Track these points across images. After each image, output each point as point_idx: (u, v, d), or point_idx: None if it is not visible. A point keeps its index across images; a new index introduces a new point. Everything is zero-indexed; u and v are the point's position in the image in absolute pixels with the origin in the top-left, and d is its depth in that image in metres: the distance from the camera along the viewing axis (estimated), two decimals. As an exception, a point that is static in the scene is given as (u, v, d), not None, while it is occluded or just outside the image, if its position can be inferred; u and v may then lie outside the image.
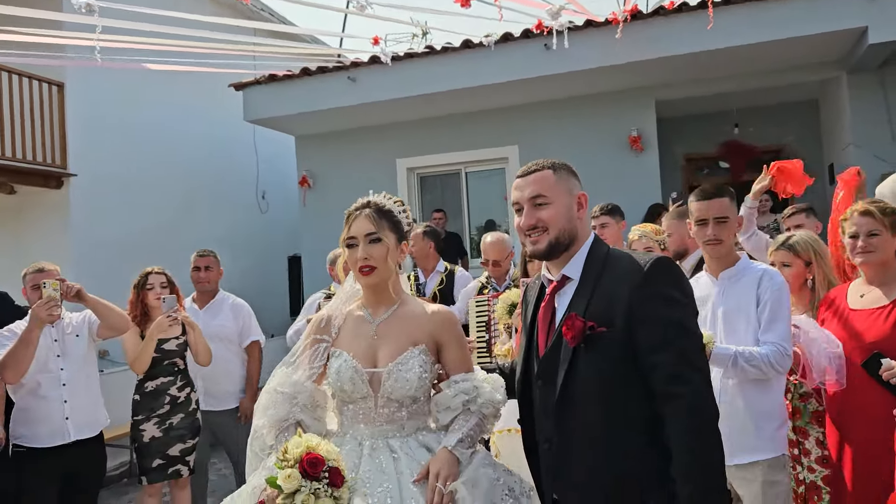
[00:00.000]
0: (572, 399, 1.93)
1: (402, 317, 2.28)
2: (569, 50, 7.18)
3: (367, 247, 2.20)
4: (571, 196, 2.06)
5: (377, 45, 7.63)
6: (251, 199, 11.44)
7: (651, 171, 8.53)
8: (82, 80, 8.49)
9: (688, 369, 1.81)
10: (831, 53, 7.60)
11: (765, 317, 2.70)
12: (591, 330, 1.89)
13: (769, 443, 2.71)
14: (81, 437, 3.89)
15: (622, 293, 1.89)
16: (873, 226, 2.84)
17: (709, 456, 1.76)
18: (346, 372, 2.17)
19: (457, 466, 2.02)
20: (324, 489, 1.85)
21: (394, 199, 2.36)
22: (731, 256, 2.90)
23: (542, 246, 2.02)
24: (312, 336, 2.31)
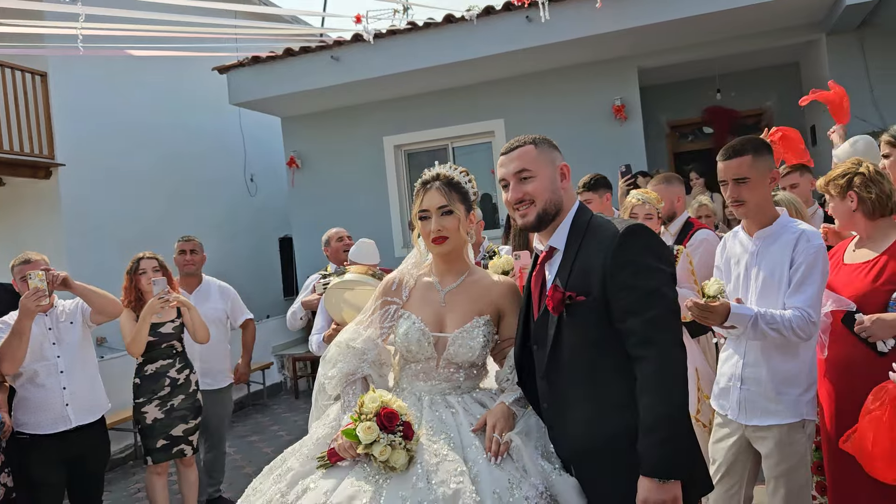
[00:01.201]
0: (561, 362, 2.06)
1: (469, 287, 2.38)
2: (551, 21, 7.22)
3: (440, 219, 2.30)
4: (554, 167, 2.16)
5: (359, 23, 7.62)
6: (240, 183, 11.47)
7: (636, 140, 8.60)
8: (65, 69, 8.48)
9: (657, 333, 1.90)
10: (810, 16, 7.65)
11: (795, 279, 2.62)
12: (570, 300, 2.01)
13: (789, 408, 2.67)
14: (83, 423, 3.98)
15: (598, 262, 2.00)
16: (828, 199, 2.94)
17: (669, 414, 1.85)
18: (414, 334, 2.29)
19: (512, 420, 2.15)
20: (399, 441, 1.99)
21: (459, 169, 2.45)
22: (765, 214, 2.77)
23: (531, 218, 2.13)
24: (383, 298, 2.43)
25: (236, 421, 8.21)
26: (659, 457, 1.83)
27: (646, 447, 1.85)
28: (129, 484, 6.12)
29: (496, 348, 2.37)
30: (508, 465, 2.00)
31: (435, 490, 1.90)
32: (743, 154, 2.71)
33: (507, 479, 1.95)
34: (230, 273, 8.40)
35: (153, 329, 4.34)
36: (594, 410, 2.00)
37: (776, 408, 2.68)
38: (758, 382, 2.72)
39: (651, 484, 1.82)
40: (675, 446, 1.85)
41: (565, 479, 2.01)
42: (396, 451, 1.99)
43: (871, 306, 2.71)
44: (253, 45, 8.69)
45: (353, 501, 1.91)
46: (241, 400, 8.86)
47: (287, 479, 2.11)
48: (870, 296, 2.74)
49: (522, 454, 2.03)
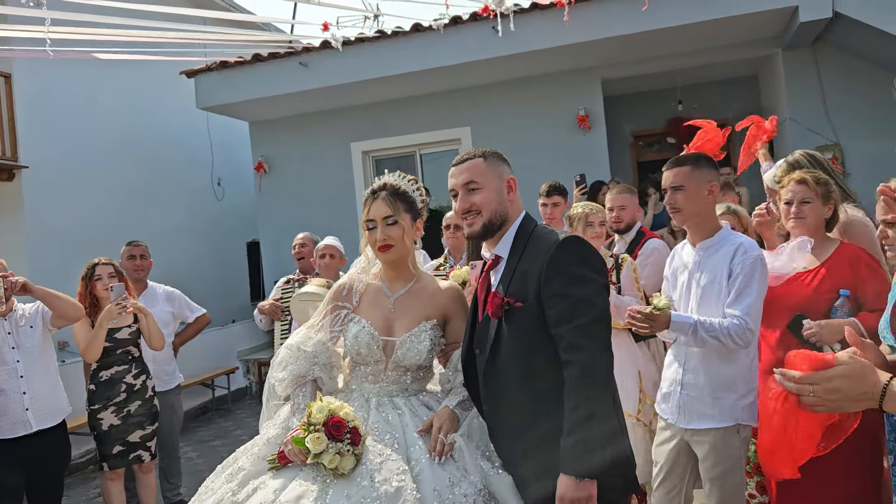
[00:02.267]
0: (499, 365, 2.16)
1: (416, 293, 2.49)
2: (516, 32, 7.37)
3: (386, 228, 2.41)
4: (501, 180, 2.27)
5: (327, 30, 7.69)
6: (206, 186, 11.42)
7: (599, 149, 8.77)
8: (30, 70, 8.41)
9: (585, 340, 1.99)
10: (766, 31, 7.88)
11: (734, 289, 2.72)
12: (509, 306, 2.13)
13: (724, 413, 2.76)
14: (43, 427, 3.98)
15: (535, 270, 2.11)
16: (807, 194, 3.00)
17: (589, 416, 1.93)
18: (363, 338, 2.38)
19: (457, 423, 2.26)
20: (346, 448, 2.09)
21: (408, 177, 2.55)
22: (706, 226, 2.90)
23: (477, 227, 2.25)
24: (334, 302, 2.52)
25: (200, 425, 8.21)
26: (576, 456, 1.90)
27: (566, 447, 1.93)
28: (89, 489, 6.10)
29: (441, 351, 2.46)
30: (450, 464, 2.10)
31: (378, 488, 1.99)
32: (682, 165, 2.89)
33: (447, 477, 2.05)
34: (196, 277, 8.41)
35: (109, 334, 4.34)
36: (528, 412, 2.10)
37: (712, 412, 2.78)
38: (696, 387, 2.83)
39: (569, 481, 1.90)
40: (593, 447, 1.91)
41: (502, 477, 2.11)
42: (345, 458, 2.08)
43: (814, 313, 2.86)
44: (222, 51, 8.69)
45: (300, 501, 1.99)
46: (204, 405, 8.85)
47: (238, 478, 2.19)
48: (813, 303, 2.89)
49: (464, 454, 2.13)
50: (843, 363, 1.52)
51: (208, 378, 8.83)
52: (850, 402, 1.52)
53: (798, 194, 3.02)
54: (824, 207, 3.01)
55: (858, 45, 7.65)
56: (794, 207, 3.02)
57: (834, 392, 1.51)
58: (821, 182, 3.01)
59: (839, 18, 7.09)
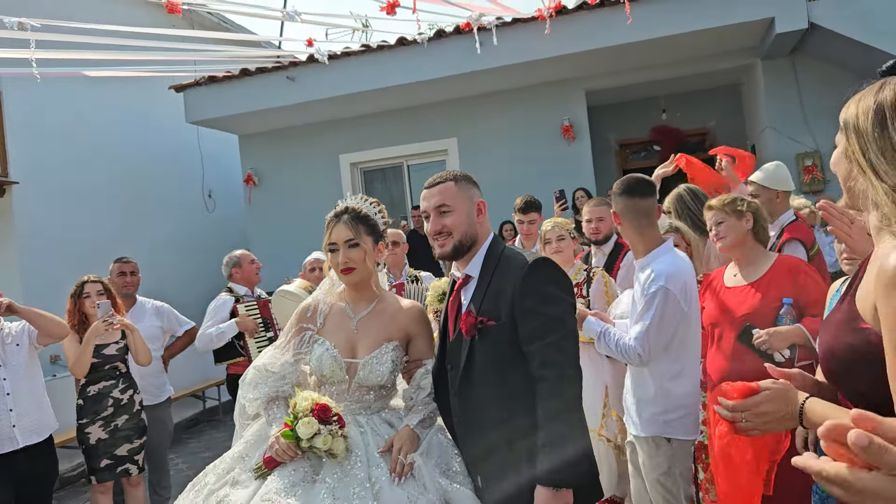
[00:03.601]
0: (471, 381, 2.26)
1: (379, 314, 2.55)
2: (499, 45, 7.51)
3: (347, 251, 2.48)
4: (472, 203, 2.37)
5: (311, 46, 7.80)
6: (197, 199, 11.49)
7: (584, 158, 8.90)
8: (20, 87, 8.47)
9: (555, 356, 2.11)
10: (746, 42, 8.03)
11: (636, 312, 2.94)
12: (482, 324, 2.23)
13: (645, 424, 3.00)
14: (30, 443, 4.04)
15: (507, 290, 2.21)
16: (718, 216, 3.22)
17: (561, 430, 2.06)
18: (327, 360, 2.45)
19: (417, 442, 2.32)
20: (336, 430, 2.20)
21: (369, 200, 2.62)
22: (647, 244, 3.02)
23: (448, 249, 2.34)
24: (299, 325, 2.58)
25: (190, 437, 8.28)
26: (552, 467, 2.02)
27: (541, 459, 2.05)
28: (80, 502, 6.16)
29: (405, 368, 2.56)
30: (410, 483, 2.19)
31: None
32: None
33: (406, 495, 2.13)
34: (187, 289, 8.48)
35: (97, 350, 4.40)
36: (501, 425, 2.20)
37: (637, 422, 3.06)
38: (631, 401, 3.11)
39: (546, 492, 2.01)
40: (566, 458, 2.04)
41: (461, 491, 2.21)
42: (336, 440, 2.18)
43: (762, 322, 3.00)
44: (211, 67, 8.80)
45: None
46: (195, 416, 8.92)
47: (203, 493, 2.28)
48: (760, 313, 3.03)
49: (423, 473, 2.21)
50: (767, 388, 1.62)
51: (199, 390, 8.90)
52: (777, 422, 1.63)
53: (711, 219, 3.26)
54: (740, 221, 3.16)
55: (835, 54, 7.79)
56: (713, 231, 3.26)
57: (762, 415, 1.62)
58: (727, 202, 3.21)
59: (815, 29, 7.24)
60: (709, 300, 3.32)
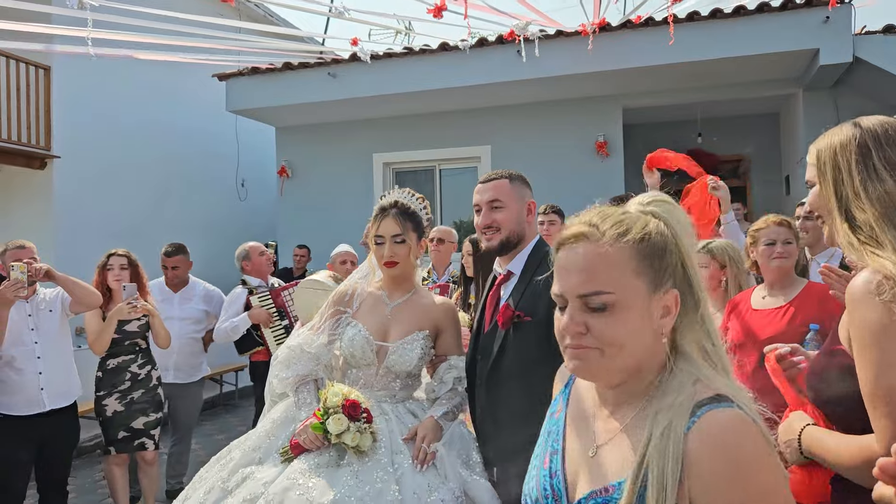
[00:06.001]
0: (500, 373, 2.32)
1: (413, 303, 2.64)
2: (541, 57, 7.56)
3: (393, 246, 2.57)
4: (523, 203, 2.45)
5: (355, 45, 7.91)
6: (230, 187, 11.68)
7: (616, 176, 8.89)
8: (69, 64, 8.70)
9: None
10: (788, 71, 7.99)
11: None
12: (518, 318, 2.30)
13: None
14: (56, 407, 4.17)
15: (547, 290, 2.25)
16: (789, 235, 3.20)
17: None
18: (358, 340, 2.53)
19: (440, 433, 2.39)
20: (364, 426, 2.26)
21: (416, 195, 2.71)
22: None
23: (495, 243, 2.43)
24: (335, 307, 2.67)
25: (206, 419, 8.38)
26: None
27: None
28: (95, 472, 6.29)
29: (431, 362, 2.61)
30: (431, 471, 2.25)
31: (362, 487, 2.14)
32: None
33: (426, 483, 2.19)
34: (216, 274, 8.60)
35: (119, 326, 4.49)
36: (525, 417, 2.25)
37: None
38: None
39: None
40: None
41: (480, 482, 2.26)
42: (364, 435, 2.25)
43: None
44: (254, 59, 8.95)
45: (287, 493, 2.13)
46: (212, 399, 9.04)
47: (229, 467, 2.34)
48: (786, 336, 3.00)
49: (445, 463, 2.27)
50: None
51: (218, 374, 9.02)
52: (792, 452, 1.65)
53: (780, 236, 3.20)
54: (797, 249, 3.22)
55: (877, 89, 7.72)
56: (779, 247, 3.19)
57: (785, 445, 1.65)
58: (794, 226, 3.22)
59: (859, 63, 7.19)
60: (734, 321, 3.33)
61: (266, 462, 2.36)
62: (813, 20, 7.15)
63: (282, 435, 2.45)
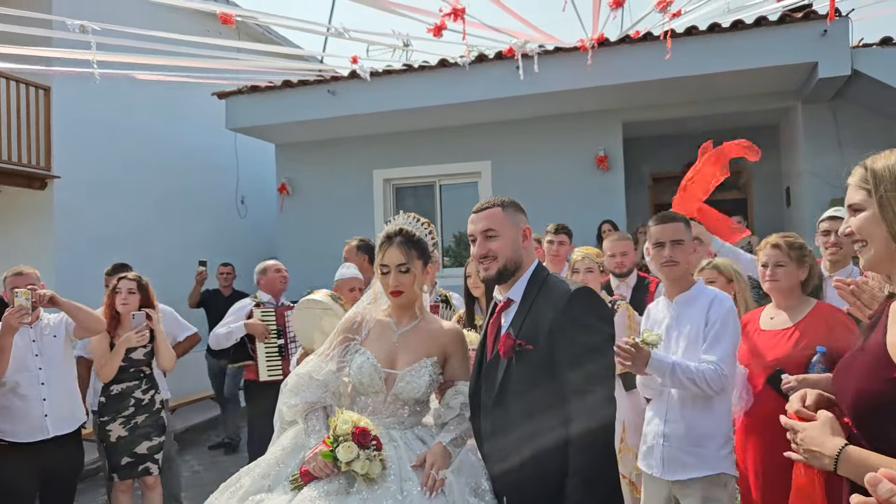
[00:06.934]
0: (504, 403, 2.30)
1: (421, 330, 2.62)
2: (540, 73, 7.58)
3: (398, 275, 2.56)
4: (517, 229, 2.42)
5: (355, 63, 7.93)
6: (230, 204, 11.68)
7: (616, 190, 8.90)
8: (68, 84, 8.71)
9: (591, 386, 2.16)
10: (787, 84, 8.02)
11: (710, 336, 2.82)
12: (520, 347, 2.27)
13: (707, 462, 2.82)
14: (60, 433, 4.14)
15: (547, 317, 2.25)
16: (780, 258, 3.16)
17: (591, 461, 2.10)
18: (367, 368, 2.51)
19: (448, 459, 2.37)
20: (373, 453, 2.25)
21: (421, 221, 2.69)
22: (686, 281, 3.03)
23: (493, 272, 2.40)
24: (344, 334, 2.66)
25: (206, 439, 8.34)
26: (580, 497, 2.07)
27: (570, 487, 2.09)
28: (98, 495, 6.24)
29: (439, 387, 2.60)
30: (440, 498, 2.23)
31: None
32: (678, 220, 3.05)
33: None
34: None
35: (125, 353, 4.48)
36: (531, 448, 2.23)
37: (695, 462, 2.85)
38: (678, 438, 2.90)
39: None
40: (594, 489, 2.09)
41: None
42: (373, 463, 2.24)
43: (793, 368, 2.96)
44: (253, 77, 8.97)
45: None
46: (213, 419, 8.99)
47: (238, 495, 2.33)
48: (792, 358, 3.00)
49: (454, 490, 2.26)
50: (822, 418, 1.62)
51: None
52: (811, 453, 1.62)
53: (771, 258, 3.18)
54: (799, 270, 3.15)
55: (877, 102, 7.75)
56: (769, 270, 3.18)
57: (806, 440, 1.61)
58: (794, 247, 3.16)
59: (858, 76, 7.22)
60: (742, 341, 3.31)
61: (276, 490, 2.35)
62: (811, 33, 7.18)
63: (291, 462, 2.44)
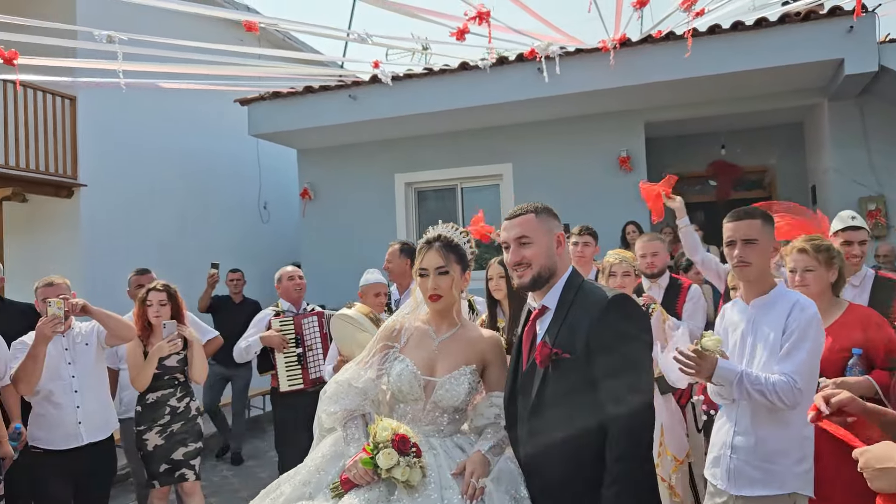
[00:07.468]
0: (542, 410, 2.28)
1: (460, 338, 2.62)
2: (561, 74, 7.54)
3: (437, 278, 2.55)
4: (551, 235, 2.40)
5: (377, 68, 7.95)
6: (253, 210, 11.76)
7: (639, 190, 8.82)
8: (93, 94, 8.81)
9: (629, 394, 2.13)
10: (812, 81, 7.92)
11: (786, 346, 2.61)
12: (556, 356, 2.25)
13: (776, 479, 2.61)
14: (93, 440, 4.19)
15: (584, 324, 2.23)
16: (808, 262, 3.11)
17: (630, 469, 2.08)
18: (406, 376, 2.51)
19: (487, 467, 2.36)
20: (413, 460, 2.26)
21: (459, 229, 2.70)
22: (764, 283, 2.79)
23: (527, 280, 2.37)
24: (384, 342, 2.67)
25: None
26: None
27: (609, 495, 2.07)
28: (128, 501, 6.30)
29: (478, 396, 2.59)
30: None
31: None
32: (754, 217, 2.79)
33: None
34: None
35: (158, 362, 4.48)
36: (570, 456, 2.21)
37: (764, 478, 2.64)
38: (747, 451, 2.69)
39: None
40: (634, 496, 2.08)
41: None
42: (414, 470, 2.24)
43: (830, 372, 2.92)
44: (275, 83, 9.03)
45: None
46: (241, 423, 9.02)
47: (279, 502, 2.34)
48: (828, 361, 2.94)
49: (493, 498, 2.24)
50: None
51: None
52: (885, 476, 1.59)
53: (799, 263, 3.11)
54: (828, 273, 3.09)
55: (905, 98, 7.64)
56: (798, 276, 3.12)
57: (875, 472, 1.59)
58: (821, 249, 3.10)
59: (885, 72, 7.12)
60: None
61: (316, 497, 2.36)
62: (837, 30, 7.09)
63: (332, 470, 2.45)
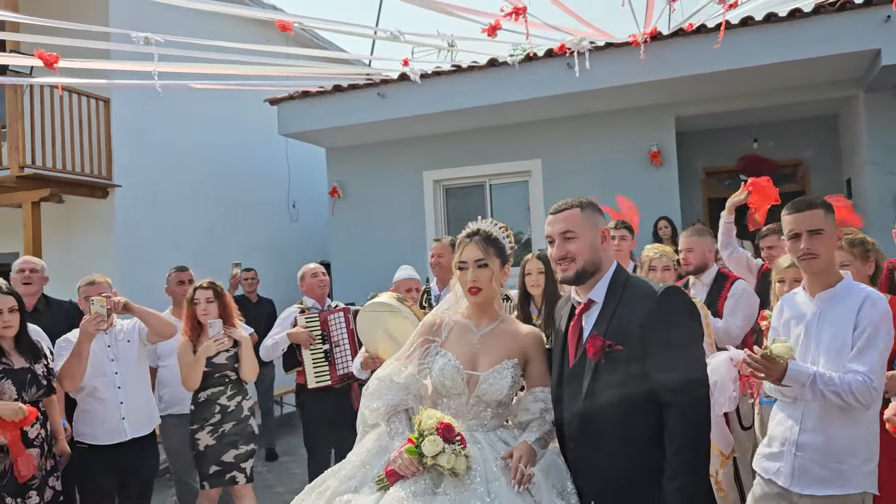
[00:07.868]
0: (593, 405, 2.28)
1: (501, 332, 2.64)
2: (591, 69, 7.49)
3: (476, 271, 2.58)
4: (596, 230, 2.41)
5: (406, 66, 7.97)
6: (282, 209, 11.87)
7: (670, 185, 8.77)
8: (127, 95, 8.95)
9: (685, 386, 2.15)
10: (848, 73, 7.79)
11: (858, 344, 2.51)
12: (609, 348, 2.26)
13: (848, 479, 2.52)
14: (137, 435, 4.27)
15: (635, 317, 2.24)
16: (844, 258, 3.08)
17: (691, 462, 2.09)
18: (449, 370, 2.53)
19: (535, 456, 2.38)
20: (459, 448, 2.27)
21: (499, 225, 2.72)
22: (831, 275, 2.69)
23: (571, 274, 2.39)
24: (424, 336, 2.68)
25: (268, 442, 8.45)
26: (679, 501, 2.06)
27: (668, 490, 2.08)
28: (167, 496, 6.39)
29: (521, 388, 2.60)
30: (527, 497, 2.23)
31: None
32: (816, 207, 2.68)
33: None
34: (269, 294, 8.74)
35: (208, 360, 4.48)
36: (624, 449, 2.22)
37: (832, 477, 2.54)
38: (815, 450, 2.58)
39: None
40: (694, 493, 2.09)
41: None
42: (459, 458, 2.25)
43: None
44: (304, 83, 9.09)
45: None
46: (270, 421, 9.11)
47: (326, 496, 2.36)
48: None
49: (541, 490, 2.25)
50: None
51: (277, 395, 9.11)
52: None
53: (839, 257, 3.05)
54: (865, 266, 3.07)
55: (944, 88, 7.48)
56: None
57: None
58: (856, 244, 3.08)
59: (923, 63, 6.98)
60: None
61: (362, 490, 2.38)
62: (873, 20, 6.96)
63: (377, 464, 2.47)
